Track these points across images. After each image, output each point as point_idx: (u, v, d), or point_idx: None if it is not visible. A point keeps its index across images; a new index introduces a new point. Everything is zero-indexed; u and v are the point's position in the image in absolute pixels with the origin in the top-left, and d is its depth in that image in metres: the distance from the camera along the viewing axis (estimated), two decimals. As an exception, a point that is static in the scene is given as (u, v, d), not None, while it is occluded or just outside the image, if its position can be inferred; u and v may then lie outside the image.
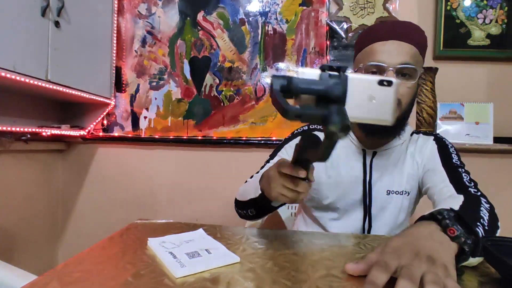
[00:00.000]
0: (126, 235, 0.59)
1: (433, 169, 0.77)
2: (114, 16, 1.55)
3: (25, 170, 1.41)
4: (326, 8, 1.52)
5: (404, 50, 0.72)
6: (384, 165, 0.81)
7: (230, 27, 1.56)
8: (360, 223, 0.83)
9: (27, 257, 1.42)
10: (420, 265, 0.39)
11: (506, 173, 1.43)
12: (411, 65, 0.71)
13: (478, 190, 0.69)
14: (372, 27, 0.79)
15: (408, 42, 0.72)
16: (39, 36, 1.11)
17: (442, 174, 0.74)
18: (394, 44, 0.72)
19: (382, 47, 0.73)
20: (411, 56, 0.72)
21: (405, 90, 0.72)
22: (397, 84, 0.41)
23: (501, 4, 1.50)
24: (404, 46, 0.72)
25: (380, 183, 0.81)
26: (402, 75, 0.72)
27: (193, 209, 1.56)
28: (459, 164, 0.76)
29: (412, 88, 0.73)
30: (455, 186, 0.70)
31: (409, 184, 0.80)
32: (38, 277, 0.42)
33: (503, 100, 1.51)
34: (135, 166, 1.60)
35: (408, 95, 0.73)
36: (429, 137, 0.84)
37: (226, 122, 1.56)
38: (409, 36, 0.73)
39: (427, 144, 0.82)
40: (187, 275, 0.43)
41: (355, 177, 0.82)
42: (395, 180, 0.81)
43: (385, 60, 0.72)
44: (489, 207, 0.61)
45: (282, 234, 0.65)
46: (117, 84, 1.60)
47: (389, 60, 0.71)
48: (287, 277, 0.43)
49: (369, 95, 0.41)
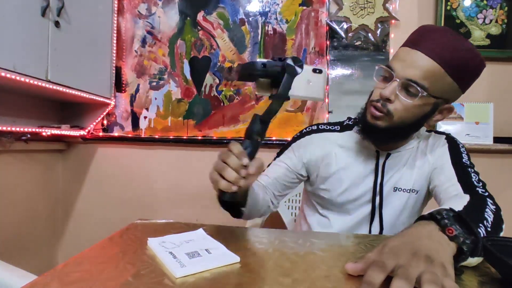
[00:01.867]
0: (126, 235, 0.59)
1: (442, 167, 0.75)
2: (114, 16, 1.55)
3: (25, 170, 1.41)
4: (326, 8, 1.52)
5: (421, 66, 0.64)
6: (397, 167, 0.81)
7: (230, 27, 1.56)
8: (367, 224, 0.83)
9: (27, 257, 1.42)
10: (418, 265, 0.39)
11: (506, 173, 1.43)
12: (420, 85, 0.64)
13: (486, 191, 0.68)
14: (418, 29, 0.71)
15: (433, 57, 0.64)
16: (39, 36, 1.11)
17: (451, 172, 0.73)
18: (416, 55, 0.66)
19: (403, 53, 0.68)
20: (426, 74, 0.64)
21: (401, 106, 0.67)
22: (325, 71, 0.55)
23: (501, 4, 1.50)
24: (425, 60, 0.64)
25: (392, 184, 0.81)
26: (405, 90, 0.67)
27: (193, 209, 1.56)
28: (468, 164, 0.75)
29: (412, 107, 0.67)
30: (462, 185, 0.69)
31: (418, 183, 0.80)
32: (38, 277, 0.42)
33: (503, 100, 1.51)
34: (135, 166, 1.60)
35: (404, 112, 0.68)
36: (441, 136, 0.83)
37: (226, 122, 1.56)
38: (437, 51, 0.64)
39: (439, 143, 0.81)
40: (187, 275, 0.43)
41: (366, 177, 0.81)
42: (403, 177, 0.80)
43: (396, 67, 0.67)
44: (494, 209, 0.61)
45: (282, 234, 0.65)
46: (117, 84, 1.60)
47: (399, 70, 0.67)
48: (287, 277, 0.43)
49: (307, 79, 0.55)
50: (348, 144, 0.83)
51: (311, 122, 1.51)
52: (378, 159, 0.80)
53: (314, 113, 1.52)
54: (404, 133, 0.75)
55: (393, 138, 0.76)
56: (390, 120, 0.69)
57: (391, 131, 0.71)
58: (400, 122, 0.70)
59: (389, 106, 0.68)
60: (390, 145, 0.79)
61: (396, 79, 0.66)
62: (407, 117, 0.69)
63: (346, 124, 0.87)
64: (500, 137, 1.40)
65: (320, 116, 1.52)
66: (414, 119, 0.70)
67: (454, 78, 0.66)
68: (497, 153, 1.43)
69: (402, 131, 0.73)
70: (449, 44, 0.65)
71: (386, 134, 0.72)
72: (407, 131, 0.74)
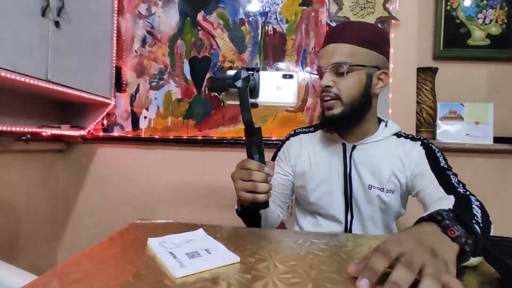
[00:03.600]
0: (126, 235, 0.59)
1: (422, 173, 0.78)
2: (114, 16, 1.55)
3: (25, 170, 1.41)
4: (326, 8, 1.52)
5: (337, 50, 0.78)
6: (365, 160, 0.84)
7: (230, 27, 1.56)
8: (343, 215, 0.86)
9: (27, 257, 1.42)
10: (423, 255, 0.38)
11: (506, 173, 1.43)
12: (341, 62, 0.77)
13: (467, 190, 0.70)
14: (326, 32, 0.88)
15: (344, 42, 0.78)
16: (39, 36, 1.11)
17: (431, 177, 0.75)
18: (330, 47, 0.80)
19: (322, 52, 0.82)
20: (346, 54, 0.77)
21: (342, 85, 0.78)
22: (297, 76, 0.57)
23: (501, 4, 1.50)
24: (338, 46, 0.78)
25: (362, 177, 0.83)
26: (337, 73, 0.79)
27: (193, 209, 1.56)
28: (446, 167, 0.78)
29: (352, 82, 0.78)
30: (444, 188, 0.71)
31: (393, 183, 0.82)
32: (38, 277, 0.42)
33: (503, 100, 1.51)
34: (135, 166, 1.60)
35: (347, 89, 0.79)
36: (416, 142, 0.85)
37: (226, 122, 1.56)
38: (344, 36, 0.78)
39: (415, 149, 0.83)
40: (187, 275, 0.43)
41: (336, 170, 0.86)
42: (376, 175, 0.82)
43: (322, 63, 0.80)
44: (479, 205, 0.63)
45: (282, 234, 0.65)
46: (117, 84, 1.60)
47: (325, 63, 0.79)
48: (287, 277, 0.43)
49: (276, 86, 0.57)
50: (320, 141, 0.91)
51: (311, 122, 1.51)
52: (345, 151, 0.86)
53: (314, 113, 1.52)
54: (360, 113, 0.82)
55: (352, 121, 0.83)
56: (341, 104, 0.79)
57: (347, 114, 0.80)
58: (350, 102, 0.79)
59: (332, 90, 0.79)
60: (355, 134, 0.85)
61: (325, 69, 0.79)
62: (353, 93, 0.79)
63: (320, 124, 0.97)
64: (500, 137, 1.40)
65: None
66: (359, 93, 0.79)
67: (366, 46, 0.78)
68: (497, 153, 1.42)
69: (356, 111, 0.81)
70: (349, 28, 0.80)
71: (344, 119, 0.80)
72: (360, 109, 0.81)
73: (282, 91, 0.57)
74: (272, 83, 0.57)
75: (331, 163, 0.87)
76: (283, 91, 0.57)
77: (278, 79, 0.57)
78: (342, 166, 0.85)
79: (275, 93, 0.57)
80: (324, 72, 0.79)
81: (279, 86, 0.57)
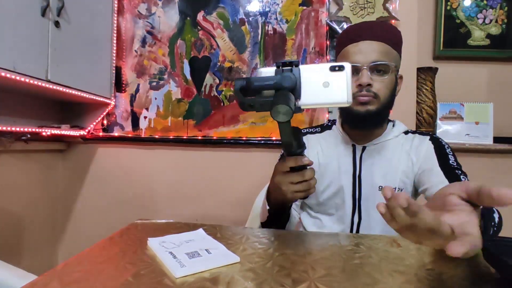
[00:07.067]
0: (126, 235, 0.59)
1: (430, 169, 0.77)
2: (114, 16, 1.55)
3: (25, 170, 1.41)
4: (326, 8, 1.52)
5: (376, 49, 0.77)
6: (375, 161, 0.83)
7: (230, 27, 1.56)
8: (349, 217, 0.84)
9: (27, 257, 1.42)
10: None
11: (506, 173, 1.43)
12: (383, 62, 0.76)
13: None
14: (346, 30, 0.84)
15: (379, 40, 0.77)
16: (39, 36, 1.11)
17: (440, 175, 0.74)
18: (365, 44, 0.78)
19: (355, 48, 0.79)
20: (383, 53, 0.77)
21: (381, 85, 0.77)
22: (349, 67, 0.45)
23: (501, 4, 1.50)
24: (374, 44, 0.77)
25: (371, 178, 0.82)
26: (376, 71, 0.77)
27: (193, 209, 1.56)
28: (455, 165, 0.76)
29: (388, 83, 0.78)
30: None
31: (402, 181, 0.81)
32: (38, 277, 0.42)
33: (503, 100, 1.51)
34: (135, 166, 1.60)
35: (385, 89, 0.78)
36: (425, 137, 0.85)
37: (226, 122, 1.56)
38: (378, 35, 0.78)
39: (423, 144, 0.82)
40: (187, 275, 0.43)
41: (345, 171, 0.85)
42: (387, 176, 0.81)
43: (359, 60, 0.77)
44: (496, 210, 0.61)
45: (282, 234, 0.65)
46: (117, 84, 1.60)
47: (363, 60, 0.77)
48: (287, 277, 0.43)
49: (323, 82, 0.45)
50: (328, 142, 0.90)
51: (311, 123, 1.51)
52: (355, 153, 0.85)
53: (314, 113, 1.52)
54: (387, 114, 0.83)
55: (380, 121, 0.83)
56: (378, 102, 0.77)
57: (380, 113, 0.79)
58: (385, 101, 0.78)
59: (372, 89, 0.77)
60: (365, 136, 0.84)
61: (364, 66, 0.76)
62: (388, 93, 0.78)
63: (326, 125, 0.96)
64: (500, 137, 1.40)
65: (320, 117, 1.52)
66: (391, 94, 0.79)
67: (394, 47, 0.79)
68: (497, 153, 1.43)
69: (386, 111, 0.81)
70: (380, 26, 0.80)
71: (378, 116, 0.79)
72: (386, 111, 0.82)
73: (331, 88, 0.45)
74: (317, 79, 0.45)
75: (340, 165, 0.85)
76: (332, 88, 0.45)
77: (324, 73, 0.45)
78: (351, 168, 0.84)
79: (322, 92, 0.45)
80: (362, 69, 0.77)
81: (326, 82, 0.45)
